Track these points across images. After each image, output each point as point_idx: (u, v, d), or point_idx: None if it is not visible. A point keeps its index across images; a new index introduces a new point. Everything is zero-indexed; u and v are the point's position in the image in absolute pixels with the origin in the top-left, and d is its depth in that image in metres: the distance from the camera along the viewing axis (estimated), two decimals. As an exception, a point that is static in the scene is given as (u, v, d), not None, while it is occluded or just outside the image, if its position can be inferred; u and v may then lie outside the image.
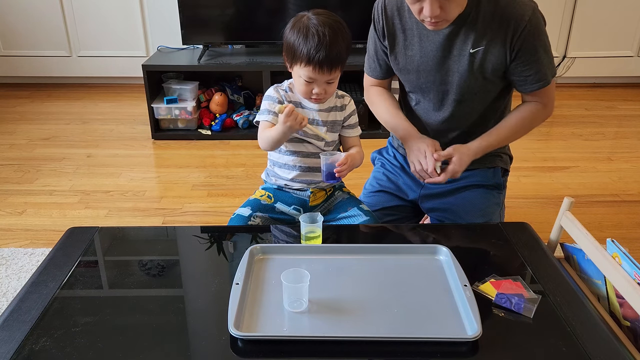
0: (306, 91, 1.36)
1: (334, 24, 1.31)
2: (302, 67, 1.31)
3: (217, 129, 3.16)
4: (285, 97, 1.42)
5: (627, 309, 1.11)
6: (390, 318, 1.04)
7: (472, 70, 1.42)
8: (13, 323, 1.02)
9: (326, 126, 1.43)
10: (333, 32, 1.29)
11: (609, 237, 1.21)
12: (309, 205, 1.49)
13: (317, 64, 1.29)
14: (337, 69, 1.33)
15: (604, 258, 1.15)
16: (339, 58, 1.31)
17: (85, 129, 3.29)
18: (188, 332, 1.02)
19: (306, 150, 1.44)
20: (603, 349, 0.97)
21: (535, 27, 1.36)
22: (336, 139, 1.48)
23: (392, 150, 1.73)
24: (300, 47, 1.29)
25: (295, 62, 1.33)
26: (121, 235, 1.40)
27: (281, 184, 1.50)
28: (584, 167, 2.78)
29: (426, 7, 1.28)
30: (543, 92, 1.47)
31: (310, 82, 1.33)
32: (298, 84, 1.37)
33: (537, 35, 1.37)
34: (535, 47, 1.38)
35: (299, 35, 1.30)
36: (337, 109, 1.45)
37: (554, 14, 3.75)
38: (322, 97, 1.37)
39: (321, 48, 1.27)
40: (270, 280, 1.14)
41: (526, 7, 1.35)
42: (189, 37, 3.17)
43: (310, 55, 1.28)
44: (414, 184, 1.64)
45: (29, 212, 2.36)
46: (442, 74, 1.47)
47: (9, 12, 3.73)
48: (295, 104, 1.41)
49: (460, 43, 1.41)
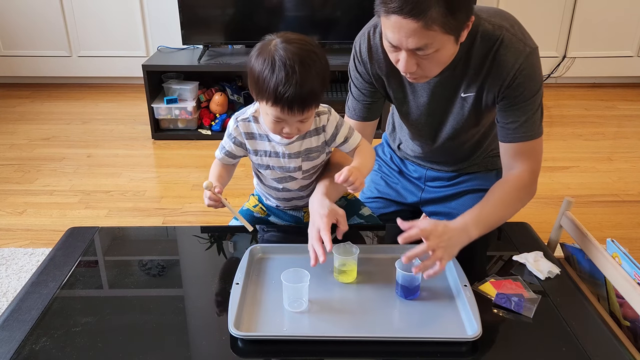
0: (275, 129, 1.14)
1: (306, 55, 1.07)
2: (270, 105, 1.09)
3: (217, 129, 3.16)
4: (244, 130, 1.23)
5: (627, 309, 1.11)
6: (390, 318, 1.04)
7: (463, 113, 1.33)
8: (13, 323, 1.02)
9: (300, 157, 1.24)
10: (304, 67, 1.05)
11: (609, 237, 1.21)
12: (304, 222, 1.42)
13: (285, 104, 1.06)
14: (310, 108, 1.11)
15: (604, 258, 1.15)
16: (312, 96, 1.08)
17: (86, 129, 3.29)
18: (188, 332, 1.02)
19: (286, 186, 1.32)
20: (603, 349, 0.97)
21: (527, 75, 1.20)
22: (317, 164, 1.29)
23: (389, 151, 1.68)
24: (266, 82, 1.06)
25: (261, 97, 1.10)
26: (121, 235, 1.40)
27: (272, 205, 1.43)
28: (584, 167, 2.78)
29: (401, 62, 1.13)
30: (528, 151, 1.27)
31: (279, 122, 1.12)
32: (266, 120, 1.15)
33: (530, 82, 1.21)
34: (525, 95, 1.22)
35: (265, 66, 1.07)
36: (314, 133, 1.23)
37: (554, 14, 3.75)
38: (296, 134, 1.16)
39: (290, 86, 1.04)
40: (270, 280, 1.14)
41: (519, 54, 1.18)
42: (189, 37, 3.17)
43: (277, 93, 1.05)
44: (415, 188, 1.61)
45: (29, 212, 2.36)
46: (435, 116, 1.37)
47: (9, 12, 3.72)
48: (260, 136, 1.23)
49: (451, 87, 1.29)
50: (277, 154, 1.24)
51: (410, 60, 1.12)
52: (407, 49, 1.09)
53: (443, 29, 1.05)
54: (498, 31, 1.19)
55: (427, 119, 1.38)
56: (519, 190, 1.29)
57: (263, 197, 1.45)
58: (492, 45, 1.20)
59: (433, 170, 1.58)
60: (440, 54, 1.11)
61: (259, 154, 1.26)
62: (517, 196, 1.29)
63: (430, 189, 1.58)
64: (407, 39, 1.07)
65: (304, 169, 1.27)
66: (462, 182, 1.54)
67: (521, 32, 1.21)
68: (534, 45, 1.21)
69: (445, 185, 1.57)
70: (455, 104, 1.32)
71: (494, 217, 1.25)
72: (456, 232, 1.15)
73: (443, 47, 1.10)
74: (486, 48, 1.20)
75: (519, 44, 1.19)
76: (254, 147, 1.25)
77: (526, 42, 1.20)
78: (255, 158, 1.27)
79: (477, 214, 1.21)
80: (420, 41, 1.07)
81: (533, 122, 1.25)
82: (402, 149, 1.60)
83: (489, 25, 1.20)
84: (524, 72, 1.19)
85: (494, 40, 1.19)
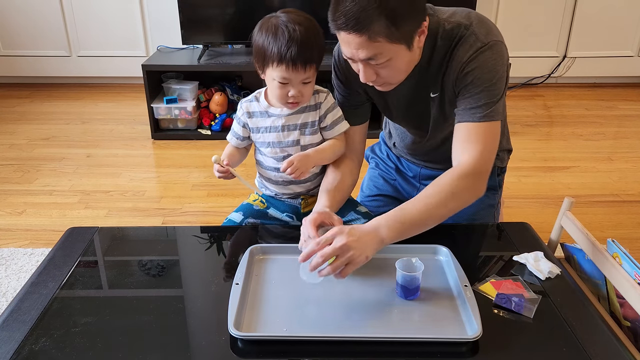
0: (282, 95, 1.27)
1: (305, 21, 1.23)
2: (275, 67, 1.23)
3: (217, 129, 3.16)
4: (246, 110, 1.36)
5: (628, 309, 1.11)
6: (390, 318, 1.04)
7: (436, 113, 1.34)
8: (13, 323, 1.02)
9: (298, 129, 1.35)
10: (304, 29, 1.21)
11: (609, 237, 1.21)
12: (302, 212, 1.46)
13: (290, 61, 1.20)
14: (311, 67, 1.24)
15: (604, 258, 1.15)
16: (312, 54, 1.22)
17: (85, 129, 3.29)
18: (188, 332, 1.02)
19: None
20: (603, 349, 0.97)
21: (477, 66, 1.18)
22: (313, 142, 1.37)
23: (385, 149, 1.70)
24: (270, 47, 1.21)
25: (266, 64, 1.24)
26: (121, 236, 1.40)
27: (271, 194, 1.49)
28: (584, 167, 2.78)
29: (360, 73, 1.18)
30: (473, 134, 1.19)
31: (285, 84, 1.25)
32: (272, 88, 1.28)
33: (479, 71, 1.18)
34: (473, 82, 1.19)
35: (268, 35, 1.22)
36: (311, 109, 1.35)
37: (554, 14, 3.75)
38: (299, 99, 1.29)
39: (292, 44, 1.19)
40: (271, 280, 1.14)
41: (470, 48, 1.18)
42: (189, 37, 3.17)
43: (281, 52, 1.20)
44: (410, 187, 1.63)
45: (29, 212, 2.36)
46: (414, 118, 1.40)
47: (9, 12, 3.72)
48: (261, 113, 1.36)
49: (421, 89, 1.31)
50: (276, 128, 1.35)
51: (367, 70, 1.16)
52: (359, 59, 1.14)
53: (389, 40, 1.09)
54: (457, 29, 1.21)
55: (408, 121, 1.42)
56: (459, 180, 1.16)
57: (262, 187, 1.49)
58: (450, 43, 1.22)
59: (427, 169, 1.59)
60: (395, 62, 1.15)
61: (260, 131, 1.37)
62: (454, 188, 1.15)
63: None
64: (357, 51, 1.12)
65: (301, 144, 1.36)
66: None
67: (479, 29, 1.21)
68: (492, 40, 1.20)
69: None
70: (430, 105, 1.34)
71: (418, 215, 1.12)
72: (364, 233, 1.06)
73: (395, 55, 1.13)
74: (446, 47, 1.23)
75: (471, 39, 1.20)
76: (256, 124, 1.37)
77: (480, 37, 1.20)
78: (257, 136, 1.38)
79: (393, 214, 1.11)
80: (369, 52, 1.11)
81: (487, 106, 1.20)
82: (397, 146, 1.62)
83: (448, 25, 1.22)
84: (473, 62, 1.19)
85: (453, 39, 1.22)
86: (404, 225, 1.11)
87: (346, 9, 1.07)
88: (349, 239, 1.03)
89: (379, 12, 1.06)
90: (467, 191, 1.17)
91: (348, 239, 1.03)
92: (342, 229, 1.05)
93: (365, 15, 1.06)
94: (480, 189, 1.20)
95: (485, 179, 1.21)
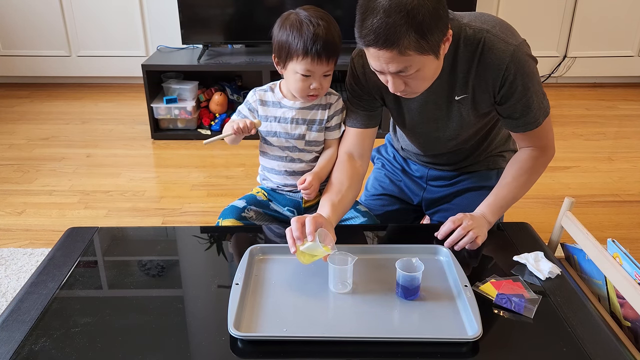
0: (303, 87, 1.33)
1: (324, 15, 1.30)
2: (300, 60, 1.28)
3: (217, 128, 3.15)
4: (259, 97, 1.42)
5: (628, 310, 1.11)
6: (390, 318, 1.04)
7: (462, 115, 1.35)
8: (12, 323, 1.02)
9: (306, 124, 1.40)
10: (326, 23, 1.28)
11: (609, 237, 1.21)
12: (303, 207, 1.48)
13: (315, 55, 1.26)
14: (333, 60, 1.31)
15: (604, 258, 1.15)
16: (335, 47, 1.29)
17: (85, 129, 3.29)
18: (188, 332, 1.02)
19: (290, 155, 1.43)
20: (603, 350, 0.96)
21: (516, 72, 1.23)
22: (317, 139, 1.42)
23: (392, 150, 1.72)
24: (295, 41, 1.27)
25: (290, 58, 1.30)
26: (120, 236, 1.40)
27: (273, 186, 1.50)
28: (584, 167, 2.78)
29: (390, 85, 1.20)
30: (536, 135, 1.34)
31: (307, 77, 1.31)
32: (294, 81, 1.33)
33: (521, 78, 1.24)
34: (520, 91, 1.25)
35: (292, 30, 1.28)
36: (321, 107, 1.41)
37: (554, 14, 3.75)
38: (319, 92, 1.34)
39: (317, 38, 1.26)
40: (270, 280, 1.13)
41: (504, 53, 1.21)
42: (189, 37, 3.17)
43: (307, 46, 1.26)
44: (416, 188, 1.63)
45: (29, 212, 2.35)
46: (430, 122, 1.40)
47: (9, 12, 3.72)
48: (274, 103, 1.41)
49: (443, 94, 1.32)
50: (285, 120, 1.40)
51: (396, 81, 1.18)
52: (389, 72, 1.16)
53: (418, 52, 1.10)
54: (479, 34, 1.22)
55: (423, 126, 1.41)
56: (532, 160, 1.38)
57: (265, 181, 1.51)
58: (474, 49, 1.23)
59: (435, 170, 1.59)
60: (423, 72, 1.16)
61: (269, 120, 1.41)
62: (531, 168, 1.38)
63: (432, 189, 1.60)
64: (387, 65, 1.13)
65: (307, 139, 1.41)
66: (463, 181, 1.56)
67: (502, 31, 1.23)
68: (517, 41, 1.23)
69: (446, 185, 1.58)
70: (451, 108, 1.34)
71: (510, 196, 1.37)
72: (477, 218, 1.30)
73: (424, 65, 1.14)
74: (470, 52, 1.24)
75: (500, 44, 1.22)
76: (266, 113, 1.42)
77: (508, 40, 1.22)
78: (264, 124, 1.42)
79: (491, 202, 1.35)
80: (400, 65, 1.12)
81: (537, 109, 1.29)
82: (405, 148, 1.61)
83: (470, 30, 1.23)
84: (513, 69, 1.22)
85: (476, 44, 1.23)
86: (502, 208, 1.36)
87: (374, 26, 1.07)
88: (473, 220, 1.28)
89: (407, 27, 1.05)
90: (544, 166, 1.41)
91: (473, 220, 1.28)
92: (465, 215, 1.29)
93: (394, 31, 1.06)
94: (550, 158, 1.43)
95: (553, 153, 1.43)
